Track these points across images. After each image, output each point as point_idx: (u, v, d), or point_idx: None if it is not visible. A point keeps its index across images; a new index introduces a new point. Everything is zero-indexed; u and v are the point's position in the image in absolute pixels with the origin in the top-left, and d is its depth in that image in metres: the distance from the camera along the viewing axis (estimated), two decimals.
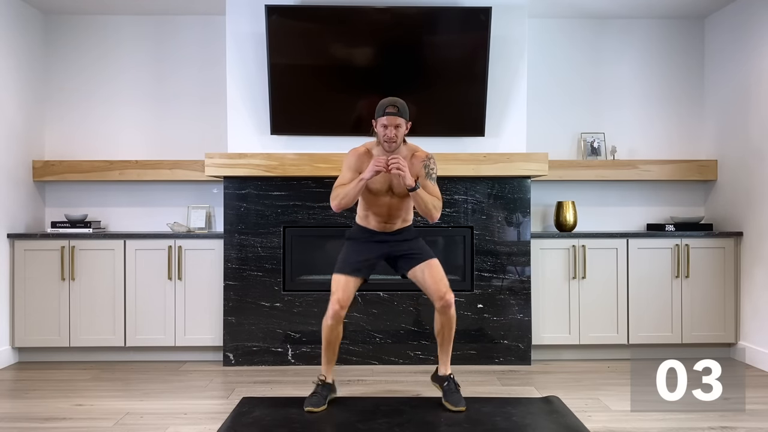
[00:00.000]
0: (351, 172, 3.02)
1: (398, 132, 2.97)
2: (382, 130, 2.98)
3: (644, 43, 4.62)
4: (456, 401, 3.03)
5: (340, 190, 2.98)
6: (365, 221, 3.14)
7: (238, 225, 4.03)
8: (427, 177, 3.02)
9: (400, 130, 2.98)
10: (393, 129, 2.96)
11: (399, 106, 2.97)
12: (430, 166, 3.03)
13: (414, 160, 3.04)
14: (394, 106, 2.96)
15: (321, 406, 3.03)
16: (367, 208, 3.11)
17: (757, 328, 4.02)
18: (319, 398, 3.06)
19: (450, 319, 3.06)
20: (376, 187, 3.03)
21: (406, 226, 3.17)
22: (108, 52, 4.53)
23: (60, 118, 4.53)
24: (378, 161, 2.89)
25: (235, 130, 4.11)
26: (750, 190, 4.12)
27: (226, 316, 4.02)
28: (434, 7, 4.03)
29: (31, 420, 2.99)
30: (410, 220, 3.19)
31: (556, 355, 4.19)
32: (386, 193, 3.05)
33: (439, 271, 3.05)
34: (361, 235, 3.13)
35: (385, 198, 3.05)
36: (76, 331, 4.06)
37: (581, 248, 4.15)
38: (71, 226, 4.19)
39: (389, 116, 2.95)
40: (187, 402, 3.28)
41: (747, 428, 2.87)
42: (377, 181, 3.01)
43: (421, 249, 3.11)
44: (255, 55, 4.08)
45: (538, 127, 4.50)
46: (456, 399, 3.04)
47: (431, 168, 3.04)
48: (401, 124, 2.98)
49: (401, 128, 2.99)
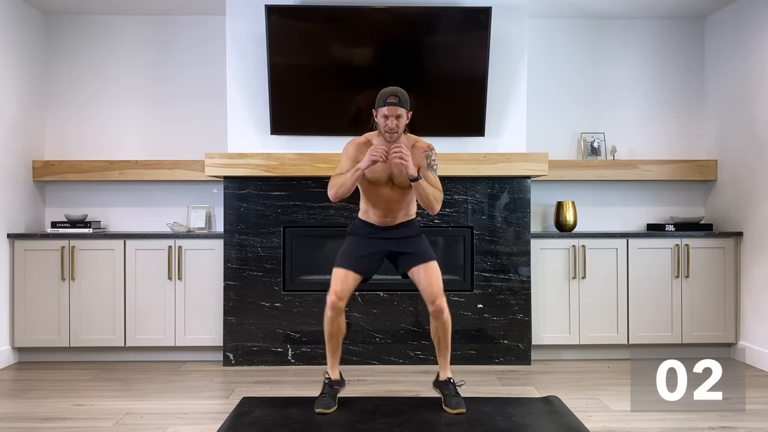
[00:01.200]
0: (349, 161, 2.97)
1: (399, 122, 2.92)
2: (383, 120, 2.93)
3: (644, 43, 4.62)
4: (455, 405, 2.99)
5: (337, 180, 2.94)
6: (366, 215, 3.09)
7: (238, 225, 4.03)
8: (428, 168, 2.96)
9: (402, 120, 2.93)
10: (394, 119, 2.91)
11: (400, 96, 2.92)
12: (431, 157, 2.98)
13: (415, 150, 2.98)
14: (395, 96, 2.91)
15: (332, 407, 3.00)
16: (367, 201, 3.07)
17: (757, 328, 4.02)
18: (329, 399, 3.02)
19: (443, 324, 3.01)
20: (375, 177, 2.97)
21: (408, 221, 3.10)
22: (108, 52, 4.53)
23: (60, 118, 4.53)
24: (375, 151, 2.84)
25: (235, 130, 4.11)
26: (750, 190, 4.12)
27: (226, 316, 4.02)
28: (434, 7, 4.03)
29: (31, 420, 3.00)
30: (413, 215, 3.13)
31: (556, 355, 4.19)
32: (386, 184, 3.00)
33: (435, 273, 2.99)
34: (362, 230, 3.08)
35: (385, 189, 3.01)
36: (76, 331, 4.06)
37: (581, 248, 4.15)
38: (71, 226, 4.19)
39: (390, 106, 2.90)
40: (187, 402, 3.29)
41: (747, 428, 2.87)
42: (377, 171, 2.96)
43: (422, 248, 3.05)
44: (255, 55, 4.08)
45: (538, 127, 4.50)
46: (455, 402, 3.00)
47: (432, 159, 2.99)
48: (402, 114, 2.93)
49: (402, 118, 2.94)
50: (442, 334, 3.03)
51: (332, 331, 3.02)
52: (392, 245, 3.05)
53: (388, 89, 2.96)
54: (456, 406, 2.99)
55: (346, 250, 3.05)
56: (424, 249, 3.06)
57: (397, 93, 2.93)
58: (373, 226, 3.07)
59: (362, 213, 3.12)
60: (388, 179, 2.99)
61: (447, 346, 3.08)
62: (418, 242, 3.07)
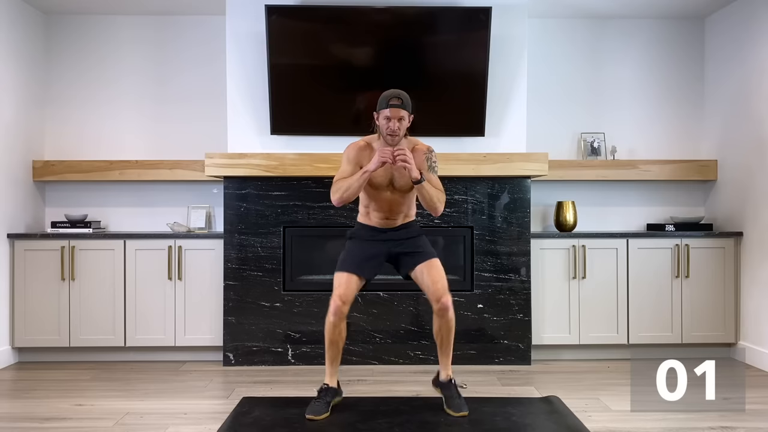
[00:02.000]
0: (351, 165, 2.95)
1: (401, 125, 2.91)
2: (385, 122, 2.91)
3: (644, 43, 4.62)
4: (458, 407, 2.96)
5: (341, 183, 2.91)
6: (366, 218, 3.08)
7: (238, 225, 4.03)
8: (429, 170, 2.94)
9: (404, 122, 2.92)
10: (396, 122, 2.89)
11: (403, 98, 2.90)
12: (432, 159, 2.95)
13: (415, 153, 2.97)
14: (398, 98, 2.89)
15: (323, 414, 2.93)
16: (367, 204, 3.06)
17: (757, 328, 4.01)
18: (321, 405, 2.96)
19: (448, 322, 2.99)
20: (377, 182, 2.96)
21: (409, 221, 3.10)
22: (108, 52, 4.53)
23: (60, 118, 4.53)
24: (383, 152, 2.82)
25: (235, 130, 4.11)
26: (750, 190, 4.12)
27: (226, 316, 4.02)
28: (434, 7, 4.03)
29: (31, 420, 2.99)
30: (413, 216, 3.13)
31: (556, 355, 4.19)
32: (387, 187, 2.99)
33: (439, 271, 2.98)
34: (363, 233, 3.07)
35: (386, 193, 3.00)
36: (76, 331, 4.06)
37: (581, 248, 4.15)
38: (71, 226, 4.19)
39: (393, 108, 2.88)
40: (187, 402, 3.29)
41: (747, 428, 2.87)
42: (378, 175, 2.95)
43: (423, 247, 3.04)
44: (255, 55, 4.08)
45: (538, 127, 4.50)
46: (458, 405, 2.97)
47: (433, 161, 2.96)
48: (404, 116, 2.91)
49: (404, 121, 2.92)
50: (445, 332, 3.01)
51: (333, 338, 2.98)
52: (393, 246, 3.04)
53: (389, 92, 2.94)
54: (459, 409, 2.96)
55: (348, 254, 3.03)
56: (425, 248, 3.05)
57: (400, 95, 2.91)
58: (373, 228, 3.06)
59: (362, 216, 3.12)
60: (389, 183, 2.99)
61: (450, 345, 3.05)
62: (419, 242, 3.07)
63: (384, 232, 3.05)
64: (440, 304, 2.94)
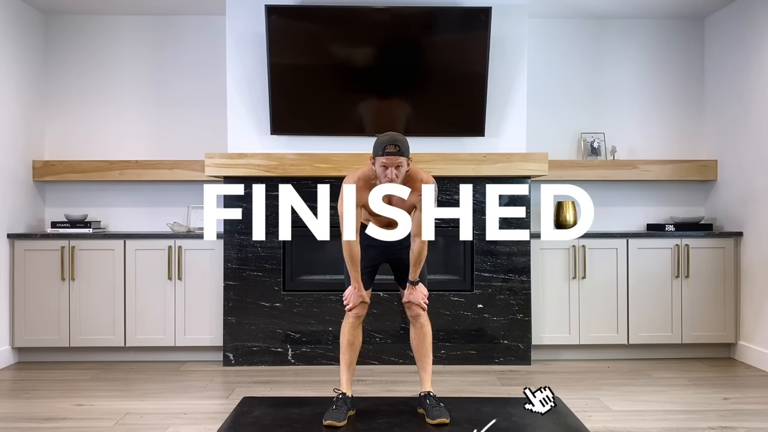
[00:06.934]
0: (352, 208, 2.75)
1: (400, 172, 2.73)
2: (382, 170, 2.74)
3: (644, 44, 4.62)
4: (437, 414, 2.84)
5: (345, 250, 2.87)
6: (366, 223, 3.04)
7: (238, 225, 4.03)
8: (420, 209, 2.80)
9: (402, 169, 2.74)
10: (394, 169, 2.72)
11: (400, 144, 2.72)
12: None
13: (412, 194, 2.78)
14: (394, 145, 2.70)
15: (342, 421, 2.80)
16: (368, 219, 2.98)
17: (757, 328, 4.01)
18: (340, 412, 2.83)
19: (420, 328, 2.98)
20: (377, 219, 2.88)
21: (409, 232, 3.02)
22: (108, 52, 4.53)
23: (60, 118, 4.52)
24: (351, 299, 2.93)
25: (235, 130, 4.11)
26: (750, 190, 4.12)
27: (226, 316, 4.02)
28: (434, 7, 4.03)
29: (31, 420, 3.00)
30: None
31: (556, 355, 4.19)
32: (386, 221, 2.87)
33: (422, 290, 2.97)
34: (361, 239, 2.98)
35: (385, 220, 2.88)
36: (76, 331, 4.06)
37: (581, 248, 4.15)
38: (71, 226, 4.19)
39: (389, 156, 2.70)
40: (187, 402, 3.29)
41: (747, 428, 2.87)
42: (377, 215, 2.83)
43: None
44: (255, 55, 4.08)
45: (538, 127, 4.50)
46: (437, 412, 2.85)
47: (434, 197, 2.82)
48: (402, 163, 2.73)
49: (402, 167, 2.74)
50: (419, 341, 3.01)
51: (351, 339, 2.97)
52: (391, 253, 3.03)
53: (385, 137, 2.76)
54: (438, 416, 2.83)
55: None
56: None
57: (396, 141, 2.73)
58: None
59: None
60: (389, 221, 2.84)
61: (426, 356, 3.01)
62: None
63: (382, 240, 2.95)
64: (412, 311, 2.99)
